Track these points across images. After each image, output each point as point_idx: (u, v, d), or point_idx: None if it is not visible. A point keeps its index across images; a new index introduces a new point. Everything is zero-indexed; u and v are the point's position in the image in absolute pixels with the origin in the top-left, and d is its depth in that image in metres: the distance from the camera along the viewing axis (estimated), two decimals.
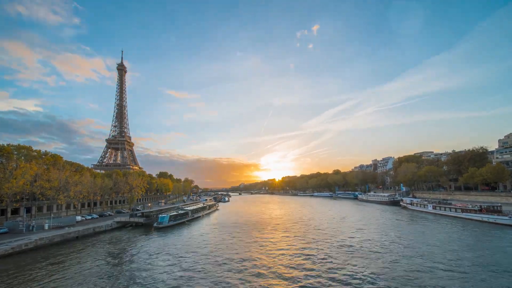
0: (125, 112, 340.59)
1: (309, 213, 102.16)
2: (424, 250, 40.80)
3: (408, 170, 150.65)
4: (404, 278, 29.01)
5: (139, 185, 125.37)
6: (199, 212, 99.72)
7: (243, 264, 35.98)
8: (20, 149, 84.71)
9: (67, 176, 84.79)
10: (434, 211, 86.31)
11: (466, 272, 30.64)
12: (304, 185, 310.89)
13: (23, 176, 68.64)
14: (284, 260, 37.87)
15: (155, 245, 50.73)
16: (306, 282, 28.90)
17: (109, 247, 49.57)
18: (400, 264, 34.19)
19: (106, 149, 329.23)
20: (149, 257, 41.48)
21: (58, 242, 52.26)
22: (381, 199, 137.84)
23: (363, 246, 44.88)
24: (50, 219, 66.80)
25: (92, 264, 37.90)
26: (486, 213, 67.32)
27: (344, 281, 28.91)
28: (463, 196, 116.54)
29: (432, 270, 31.39)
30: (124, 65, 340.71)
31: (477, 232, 54.55)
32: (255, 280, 30.08)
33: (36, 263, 38.77)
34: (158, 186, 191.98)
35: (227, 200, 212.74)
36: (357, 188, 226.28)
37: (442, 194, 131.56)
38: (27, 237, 50.98)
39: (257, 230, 65.78)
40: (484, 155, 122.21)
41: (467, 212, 72.80)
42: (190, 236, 59.26)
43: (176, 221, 77.32)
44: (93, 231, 63.20)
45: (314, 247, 45.24)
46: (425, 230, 58.63)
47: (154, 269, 34.79)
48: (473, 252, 39.29)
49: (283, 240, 52.39)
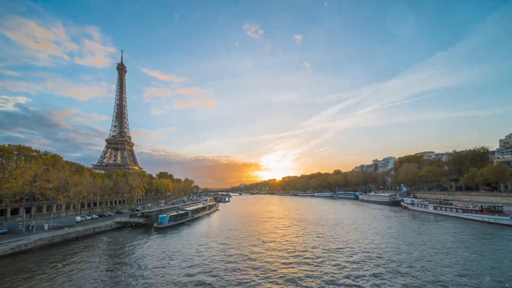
0: (125, 112, 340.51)
1: (309, 213, 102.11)
2: (426, 251, 40.77)
3: (409, 170, 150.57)
4: (406, 280, 29.01)
5: (139, 185, 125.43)
6: (199, 212, 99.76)
7: (244, 264, 36.00)
8: (20, 149, 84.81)
9: (66, 176, 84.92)
10: (435, 211, 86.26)
11: (467, 274, 30.62)
12: (304, 185, 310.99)
13: (22, 176, 68.74)
14: (286, 260, 37.86)
15: (155, 245, 50.74)
16: (309, 283, 28.91)
17: (109, 248, 49.63)
18: (402, 265, 34.17)
19: (106, 149, 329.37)
20: (149, 257, 41.48)
21: (57, 243, 52.30)
22: (382, 199, 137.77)
23: (364, 247, 44.88)
24: (50, 219, 66.89)
25: (91, 264, 37.92)
26: (487, 213, 67.25)
27: (346, 283, 28.92)
28: (464, 196, 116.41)
29: (434, 271, 31.39)
30: (124, 65, 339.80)
31: (478, 232, 54.44)
32: (256, 280, 30.11)
33: (36, 263, 38.78)
34: (158, 186, 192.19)
35: (227, 201, 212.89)
36: (357, 188, 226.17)
37: (443, 194, 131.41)
38: (26, 237, 51.02)
39: (257, 230, 65.77)
40: (485, 155, 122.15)
41: (468, 212, 72.74)
42: (190, 236, 59.24)
43: (176, 221, 77.36)
44: (93, 231, 63.24)
45: (315, 247, 45.21)
46: (426, 230, 58.58)
47: (154, 270, 34.79)
48: (474, 252, 39.25)
49: (284, 240, 52.38)
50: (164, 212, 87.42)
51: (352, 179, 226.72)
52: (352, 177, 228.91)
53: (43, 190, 76.32)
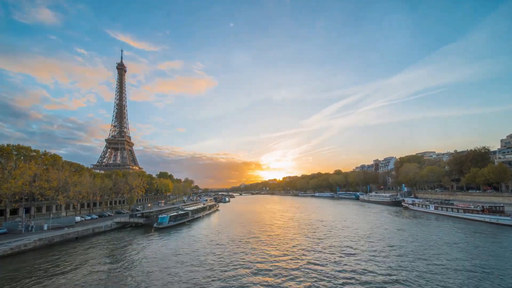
0: (125, 112, 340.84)
1: (310, 213, 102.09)
2: (428, 252, 40.74)
3: (409, 170, 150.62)
4: (410, 281, 28.99)
5: (139, 186, 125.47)
6: (200, 213, 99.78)
7: (245, 267, 35.99)
8: (19, 149, 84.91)
9: (66, 176, 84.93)
10: (436, 211, 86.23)
11: (470, 275, 30.60)
12: (305, 186, 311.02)
13: (22, 176, 68.75)
14: (288, 261, 37.85)
15: (155, 246, 50.74)
16: (312, 284, 28.92)
17: (108, 248, 49.62)
18: (405, 266, 34.15)
19: (106, 149, 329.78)
20: (149, 258, 41.48)
21: (57, 243, 52.32)
22: (383, 199, 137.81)
23: (365, 247, 44.87)
24: (49, 219, 66.94)
25: (91, 265, 37.91)
26: (489, 213, 67.23)
27: (350, 283, 28.92)
28: (465, 197, 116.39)
29: (437, 272, 31.36)
30: (123, 64, 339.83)
31: (480, 232, 54.37)
32: (256, 281, 30.12)
33: (35, 264, 38.79)
34: (158, 186, 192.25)
35: (227, 201, 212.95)
36: (358, 188, 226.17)
37: (444, 194, 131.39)
38: (26, 237, 51.00)
39: (257, 230, 65.74)
40: (486, 155, 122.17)
41: (469, 212, 72.72)
42: (190, 237, 59.25)
43: (176, 221, 77.38)
44: (92, 231, 63.25)
45: (317, 248, 45.21)
46: (427, 231, 58.52)
47: (154, 271, 34.76)
48: (476, 253, 39.21)
49: (284, 240, 52.37)
50: (164, 212, 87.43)
51: (353, 179, 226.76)
52: (353, 177, 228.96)
53: (43, 190, 76.31)
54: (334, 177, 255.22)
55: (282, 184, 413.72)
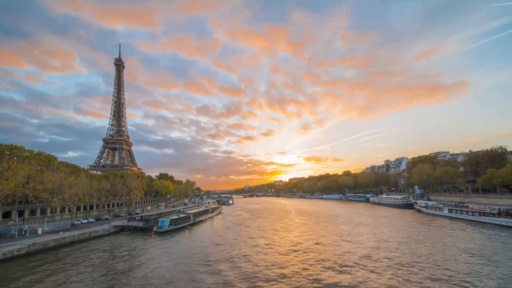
0: (123, 110, 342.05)
1: (316, 215, 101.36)
2: (445, 260, 39.87)
3: (422, 172, 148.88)
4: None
5: (138, 187, 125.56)
6: (202, 216, 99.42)
7: (251, 274, 35.42)
8: (12, 149, 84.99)
9: (61, 178, 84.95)
10: (450, 214, 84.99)
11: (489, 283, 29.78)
12: (312, 187, 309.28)
13: (15, 178, 68.56)
14: (296, 268, 37.20)
15: (154, 250, 50.33)
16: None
17: (105, 253, 49.28)
18: (421, 273, 33.38)
19: (103, 149, 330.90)
20: (148, 264, 41.01)
21: (52, 248, 52.14)
22: (394, 202, 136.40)
23: (379, 254, 44.10)
24: (44, 223, 67.00)
25: (87, 271, 37.52)
26: (506, 216, 66.02)
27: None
28: (480, 199, 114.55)
29: (453, 279, 30.58)
30: (122, 60, 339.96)
31: (496, 237, 53.23)
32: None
33: (29, 269, 38.52)
34: (158, 188, 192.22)
35: (231, 203, 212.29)
36: (368, 190, 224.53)
37: (459, 196, 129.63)
38: (19, 242, 50.83)
39: (264, 236, 64.95)
40: (503, 156, 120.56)
41: (485, 215, 71.50)
42: (192, 242, 58.85)
43: (177, 225, 77.00)
44: (89, 235, 63.10)
45: (327, 253, 44.52)
46: (443, 236, 57.45)
47: (153, 277, 34.29)
48: (495, 260, 38.22)
49: (292, 247, 51.72)
50: (165, 215, 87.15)
51: (363, 180, 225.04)
52: (362, 179, 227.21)
53: (37, 192, 76.20)
54: (343, 178, 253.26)
55: (288, 186, 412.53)
